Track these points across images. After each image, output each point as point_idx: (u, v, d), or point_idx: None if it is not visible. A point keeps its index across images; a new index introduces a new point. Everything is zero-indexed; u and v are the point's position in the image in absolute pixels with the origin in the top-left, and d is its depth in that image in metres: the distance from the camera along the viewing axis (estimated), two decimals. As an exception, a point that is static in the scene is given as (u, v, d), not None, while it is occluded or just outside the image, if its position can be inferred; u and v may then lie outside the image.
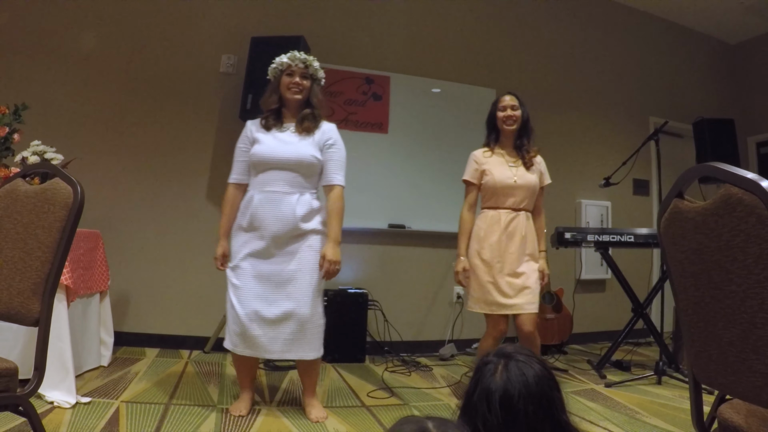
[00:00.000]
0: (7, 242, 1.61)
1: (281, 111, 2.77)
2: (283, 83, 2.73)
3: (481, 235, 2.95)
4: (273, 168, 2.64)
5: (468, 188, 3.07)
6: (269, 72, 2.80)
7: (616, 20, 5.69)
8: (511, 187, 2.94)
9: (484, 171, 2.99)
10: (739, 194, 1.06)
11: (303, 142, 2.68)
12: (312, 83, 2.77)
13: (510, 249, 2.90)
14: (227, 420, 2.52)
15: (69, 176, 1.59)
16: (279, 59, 2.75)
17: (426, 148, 4.66)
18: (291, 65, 2.72)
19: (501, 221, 2.93)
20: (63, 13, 4.00)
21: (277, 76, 2.76)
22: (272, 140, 2.68)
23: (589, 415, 2.83)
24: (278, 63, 2.75)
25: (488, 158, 3.03)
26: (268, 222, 2.59)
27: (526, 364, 1.02)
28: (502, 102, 3.04)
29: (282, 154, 2.64)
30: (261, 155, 2.65)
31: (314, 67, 2.77)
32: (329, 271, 2.63)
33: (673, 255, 1.30)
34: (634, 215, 5.46)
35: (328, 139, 2.74)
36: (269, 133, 2.72)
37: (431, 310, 4.66)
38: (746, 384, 1.09)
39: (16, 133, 2.94)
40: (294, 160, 2.63)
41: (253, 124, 2.79)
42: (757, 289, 1.03)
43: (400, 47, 4.77)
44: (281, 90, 2.74)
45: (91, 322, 3.21)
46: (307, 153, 2.66)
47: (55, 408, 2.44)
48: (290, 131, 2.72)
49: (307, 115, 2.73)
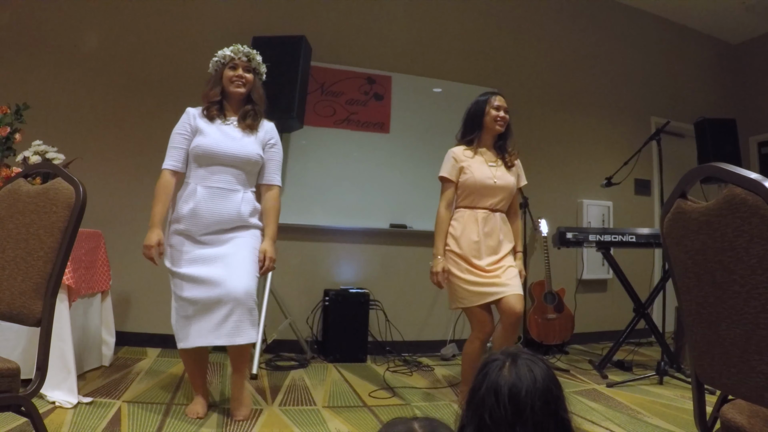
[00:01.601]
0: (9, 242, 1.61)
1: (223, 104, 2.71)
2: (226, 76, 2.68)
3: (457, 234, 2.87)
4: (218, 163, 2.58)
5: (445, 185, 2.96)
6: (211, 65, 2.75)
7: (618, 20, 5.69)
8: (490, 188, 2.89)
9: (463, 168, 2.91)
10: (742, 195, 1.06)
11: (248, 140, 2.64)
12: (254, 77, 2.74)
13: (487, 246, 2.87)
14: (229, 420, 2.51)
15: (71, 176, 1.58)
16: (222, 52, 2.70)
17: (427, 148, 4.65)
18: (234, 58, 2.68)
19: (478, 221, 2.87)
20: (64, 13, 4.00)
21: (219, 69, 2.71)
22: (218, 133, 2.61)
23: (590, 415, 2.82)
24: (221, 56, 2.70)
25: (469, 157, 2.94)
26: (211, 218, 2.54)
27: (533, 362, 1.04)
28: (496, 101, 2.98)
29: (229, 149, 2.58)
30: (208, 149, 2.57)
31: (257, 61, 2.75)
32: (267, 268, 2.63)
33: (677, 255, 1.30)
34: (636, 215, 5.45)
35: (270, 138, 2.74)
36: (213, 124, 2.64)
37: (433, 310, 4.66)
38: (749, 384, 1.09)
39: (17, 132, 2.95)
40: (242, 158, 2.60)
41: (196, 112, 2.69)
42: (761, 290, 1.03)
43: (402, 47, 4.77)
44: (224, 83, 2.69)
45: (92, 322, 3.21)
46: (254, 152, 2.64)
47: (57, 408, 2.45)
48: (233, 125, 2.67)
49: (248, 112, 2.70)
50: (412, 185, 4.58)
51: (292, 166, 4.30)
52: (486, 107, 2.98)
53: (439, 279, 2.86)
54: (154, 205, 2.58)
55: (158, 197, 2.59)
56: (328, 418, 2.66)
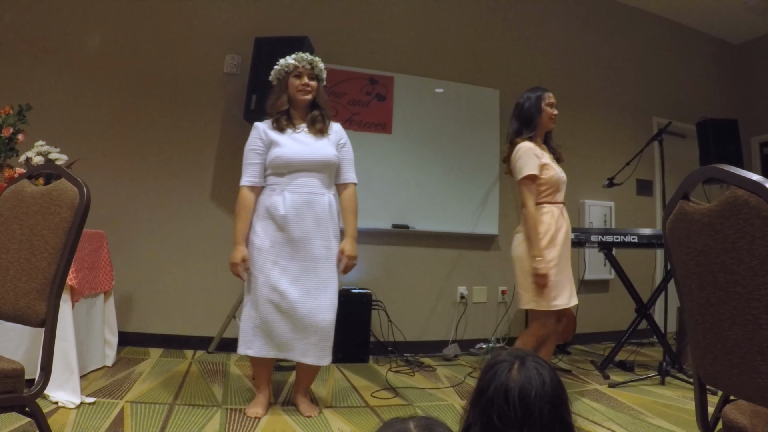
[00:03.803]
0: (13, 243, 1.62)
1: (290, 112, 2.77)
2: (292, 85, 2.73)
3: (552, 231, 2.82)
4: (300, 170, 2.64)
5: (531, 183, 2.83)
6: (273, 73, 2.80)
7: (620, 20, 5.68)
8: (564, 183, 2.96)
9: (544, 165, 2.86)
10: (744, 196, 1.06)
11: (321, 143, 2.71)
12: (318, 84, 2.78)
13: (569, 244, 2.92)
14: (232, 420, 2.52)
15: (75, 177, 1.59)
16: (285, 61, 2.75)
17: (430, 149, 4.66)
18: (298, 66, 2.73)
19: (564, 216, 2.91)
20: (67, 13, 4.01)
21: (283, 78, 2.76)
22: (293, 142, 2.68)
23: (592, 416, 2.83)
24: (284, 65, 2.75)
25: (543, 152, 2.93)
26: (305, 224, 2.61)
27: (541, 365, 1.04)
28: (550, 98, 2.96)
29: (308, 156, 2.65)
30: (288, 158, 2.64)
31: (319, 68, 2.79)
32: (348, 266, 2.72)
33: (679, 256, 1.30)
34: (638, 215, 5.45)
35: (341, 138, 2.82)
36: (285, 134, 2.71)
37: (435, 311, 4.66)
38: (751, 385, 1.09)
39: (20, 133, 2.95)
40: (321, 162, 2.67)
41: (265, 126, 2.75)
42: (763, 291, 1.03)
43: (404, 48, 4.77)
44: (290, 92, 2.74)
45: (95, 323, 3.22)
46: (330, 153, 2.71)
47: (60, 408, 2.45)
48: (304, 132, 2.73)
49: (317, 117, 2.76)
50: (414, 185, 4.58)
51: (294, 167, 4.31)
52: (541, 104, 2.96)
53: (548, 281, 2.73)
54: (237, 222, 2.68)
55: (240, 214, 2.68)
56: (331, 419, 2.66)
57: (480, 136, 4.83)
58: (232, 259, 2.63)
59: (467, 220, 4.74)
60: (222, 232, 4.16)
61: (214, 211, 4.18)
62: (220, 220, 4.17)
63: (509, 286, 4.85)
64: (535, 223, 2.79)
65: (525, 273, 2.81)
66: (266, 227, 2.63)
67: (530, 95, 3.00)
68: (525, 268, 2.81)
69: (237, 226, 2.66)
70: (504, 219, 4.85)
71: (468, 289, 4.76)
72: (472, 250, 4.83)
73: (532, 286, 2.77)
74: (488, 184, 4.81)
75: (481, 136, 4.83)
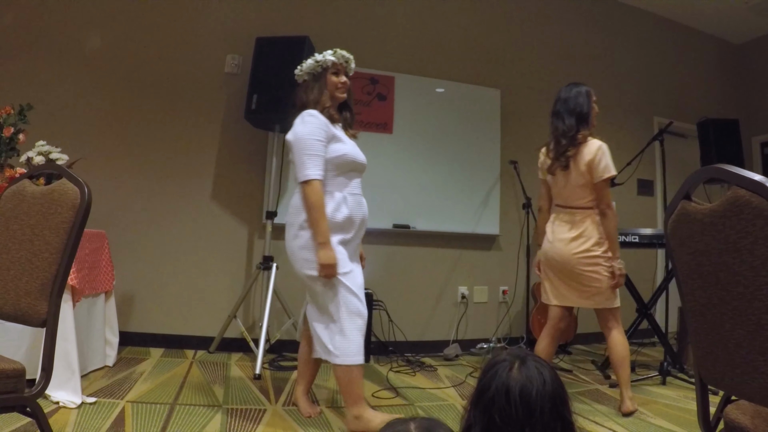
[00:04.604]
0: (14, 243, 1.62)
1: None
2: (331, 82, 2.62)
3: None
4: (354, 170, 2.61)
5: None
6: (306, 68, 2.65)
7: (621, 20, 5.68)
8: None
9: None
10: (746, 196, 1.06)
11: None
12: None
13: None
14: (233, 420, 2.52)
15: (76, 177, 1.59)
16: (323, 57, 2.61)
17: (430, 148, 4.66)
18: (337, 63, 2.63)
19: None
20: (68, 13, 4.01)
21: (320, 74, 2.63)
22: (348, 141, 2.62)
23: (593, 416, 2.82)
24: (322, 61, 2.62)
25: None
26: (361, 225, 2.61)
27: (542, 365, 1.05)
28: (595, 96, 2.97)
29: (363, 157, 2.64)
30: (352, 157, 2.56)
31: (351, 68, 2.73)
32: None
33: (681, 257, 1.30)
34: (639, 215, 5.44)
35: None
36: (339, 131, 2.61)
37: (436, 311, 4.66)
38: (753, 385, 1.09)
39: (21, 133, 2.96)
40: (365, 164, 2.67)
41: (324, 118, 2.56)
42: (765, 291, 1.03)
43: (405, 47, 4.77)
44: (329, 89, 2.63)
45: (96, 322, 3.22)
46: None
47: (61, 408, 2.45)
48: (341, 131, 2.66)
49: (348, 119, 2.73)
50: (415, 185, 4.58)
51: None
52: (591, 101, 2.96)
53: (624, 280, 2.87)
54: (321, 220, 2.42)
55: (321, 211, 2.42)
56: (332, 419, 2.66)
57: (481, 135, 4.83)
58: (329, 261, 2.39)
59: (468, 220, 4.73)
60: (222, 232, 4.17)
61: (215, 211, 4.18)
62: (220, 220, 4.18)
63: (510, 286, 4.85)
64: (615, 225, 2.84)
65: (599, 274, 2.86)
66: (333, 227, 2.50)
67: (579, 90, 2.96)
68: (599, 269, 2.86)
69: (323, 225, 2.41)
70: (505, 219, 4.85)
71: (469, 289, 4.76)
72: (473, 250, 4.83)
73: (607, 285, 2.85)
74: (489, 184, 4.81)
75: (482, 136, 4.83)
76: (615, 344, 2.95)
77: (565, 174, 2.94)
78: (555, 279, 3.03)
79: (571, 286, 2.96)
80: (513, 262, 4.83)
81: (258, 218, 4.24)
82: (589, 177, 2.85)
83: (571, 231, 2.91)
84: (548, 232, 3.06)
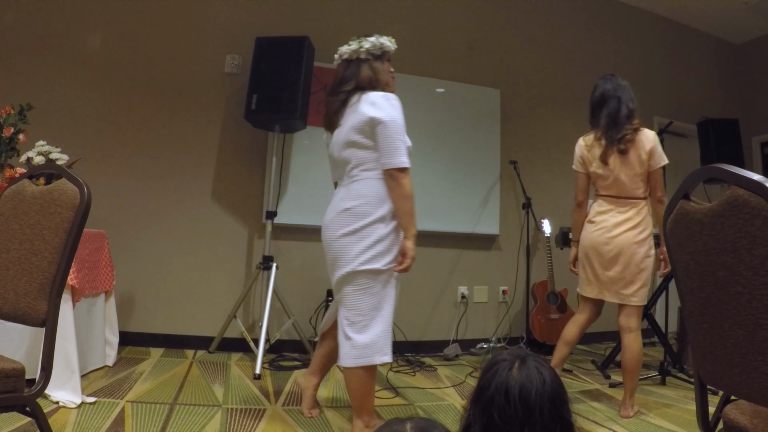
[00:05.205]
0: (13, 243, 1.62)
1: None
2: (386, 70, 2.45)
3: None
4: None
5: None
6: (369, 46, 2.41)
7: (621, 20, 5.68)
8: None
9: None
10: (745, 196, 1.06)
11: None
12: None
13: None
14: (232, 420, 2.52)
15: (76, 177, 1.59)
16: (386, 42, 2.44)
17: (430, 148, 4.65)
18: (390, 53, 2.48)
19: None
20: (68, 13, 4.01)
21: (381, 56, 2.44)
22: None
23: (593, 415, 2.83)
24: (386, 45, 2.45)
25: None
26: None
27: (541, 365, 1.06)
28: None
29: None
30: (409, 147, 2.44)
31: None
32: None
33: (680, 256, 1.30)
34: (639, 215, 5.44)
35: None
36: None
37: (436, 310, 4.66)
38: (752, 385, 1.09)
39: (21, 133, 2.95)
40: None
41: None
42: (763, 291, 1.03)
43: (404, 47, 4.71)
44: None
45: (96, 322, 3.22)
46: None
47: (61, 408, 2.45)
48: None
49: None
50: (415, 185, 4.53)
51: (295, 166, 4.31)
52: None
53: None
54: (414, 210, 2.43)
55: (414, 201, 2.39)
56: (332, 418, 2.67)
57: (481, 136, 4.83)
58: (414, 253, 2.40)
59: (468, 220, 4.73)
60: (222, 232, 4.17)
61: (215, 211, 4.18)
62: (220, 219, 4.18)
63: (510, 286, 4.85)
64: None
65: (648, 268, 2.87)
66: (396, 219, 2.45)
67: (625, 83, 3.01)
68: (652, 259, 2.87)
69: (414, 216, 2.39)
70: (505, 219, 4.85)
71: (469, 289, 4.76)
72: (473, 250, 4.83)
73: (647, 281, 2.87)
74: (489, 184, 4.81)
75: (482, 136, 4.83)
76: (633, 350, 2.87)
77: (622, 162, 2.88)
78: (600, 269, 2.98)
79: (616, 277, 2.91)
80: (513, 262, 4.83)
81: (258, 218, 4.24)
82: (647, 165, 2.85)
83: (631, 220, 2.88)
84: (598, 222, 3.01)
